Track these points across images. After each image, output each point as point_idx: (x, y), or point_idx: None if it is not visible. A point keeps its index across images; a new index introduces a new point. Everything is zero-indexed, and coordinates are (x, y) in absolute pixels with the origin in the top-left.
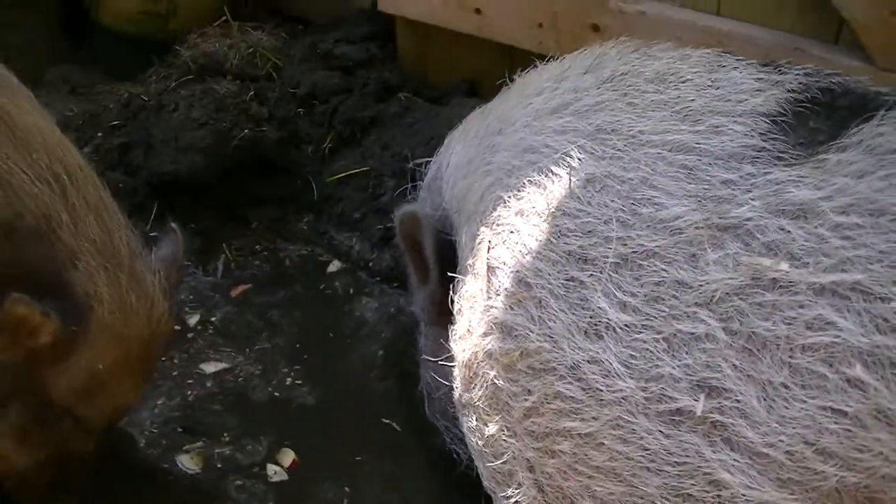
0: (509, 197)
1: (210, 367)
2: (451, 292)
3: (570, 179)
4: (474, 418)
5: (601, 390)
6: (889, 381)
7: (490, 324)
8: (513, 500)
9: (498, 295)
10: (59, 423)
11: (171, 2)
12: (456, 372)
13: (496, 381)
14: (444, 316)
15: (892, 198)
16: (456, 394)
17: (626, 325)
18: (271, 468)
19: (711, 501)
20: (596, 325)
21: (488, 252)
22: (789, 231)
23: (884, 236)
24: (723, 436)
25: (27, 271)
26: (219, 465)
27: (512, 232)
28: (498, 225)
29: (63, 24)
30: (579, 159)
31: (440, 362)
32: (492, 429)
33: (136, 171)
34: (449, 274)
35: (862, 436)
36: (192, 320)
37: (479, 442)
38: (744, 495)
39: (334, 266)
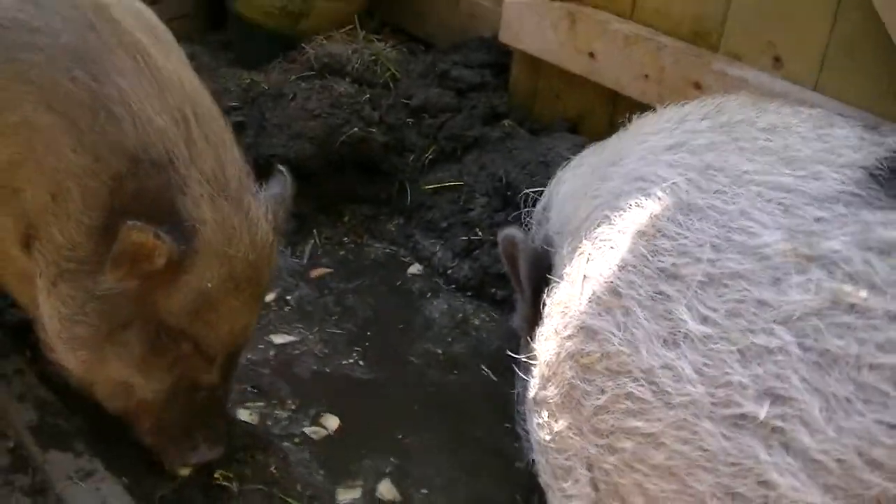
0: (614, 217)
1: (278, 339)
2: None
3: (673, 206)
4: (546, 414)
5: (670, 393)
6: None
7: (577, 327)
8: (568, 493)
9: (589, 301)
10: (176, 347)
11: (306, 2)
12: (535, 371)
13: (573, 380)
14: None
15: None
16: (532, 392)
17: (704, 336)
18: (315, 429)
19: (758, 501)
20: (675, 334)
21: (587, 263)
22: (873, 264)
23: None
24: (780, 440)
25: (147, 200)
26: (269, 423)
27: (612, 247)
28: (599, 240)
29: (204, 7)
30: (686, 190)
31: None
32: (560, 425)
33: (246, 150)
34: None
35: None
36: (270, 296)
37: (546, 437)
38: (790, 497)
39: (415, 269)
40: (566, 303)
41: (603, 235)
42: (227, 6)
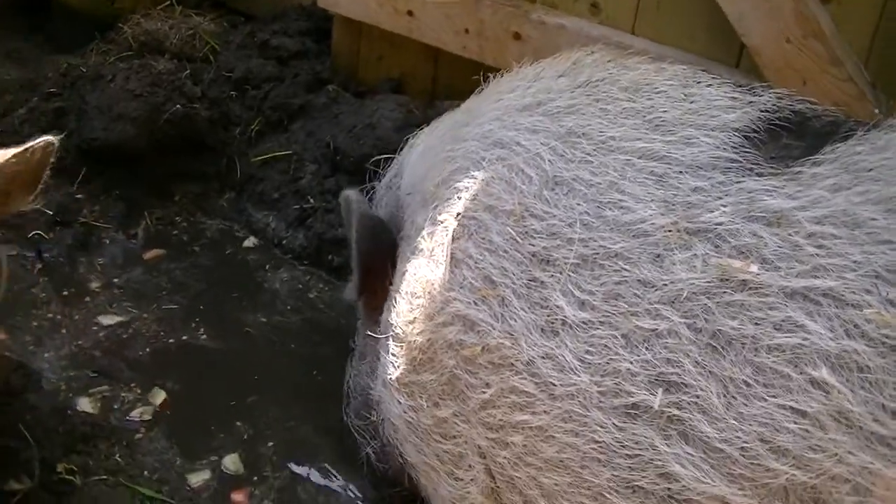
0: (477, 191)
1: (108, 320)
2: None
3: (538, 182)
4: (424, 399)
5: (554, 385)
6: (854, 385)
7: (453, 315)
8: (460, 477)
9: (462, 288)
10: None
11: None
12: (398, 351)
13: (455, 370)
14: (372, 308)
15: (869, 212)
16: (395, 373)
17: (582, 322)
18: (157, 408)
19: (661, 494)
20: (553, 322)
21: (453, 242)
22: (762, 236)
23: (859, 247)
24: (679, 430)
25: None
26: (115, 407)
27: (480, 227)
28: (464, 217)
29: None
30: (549, 161)
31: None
32: (445, 412)
33: (68, 136)
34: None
35: (819, 436)
36: (95, 283)
37: (427, 421)
38: (694, 488)
39: (250, 242)
40: (433, 283)
41: (468, 211)
42: None
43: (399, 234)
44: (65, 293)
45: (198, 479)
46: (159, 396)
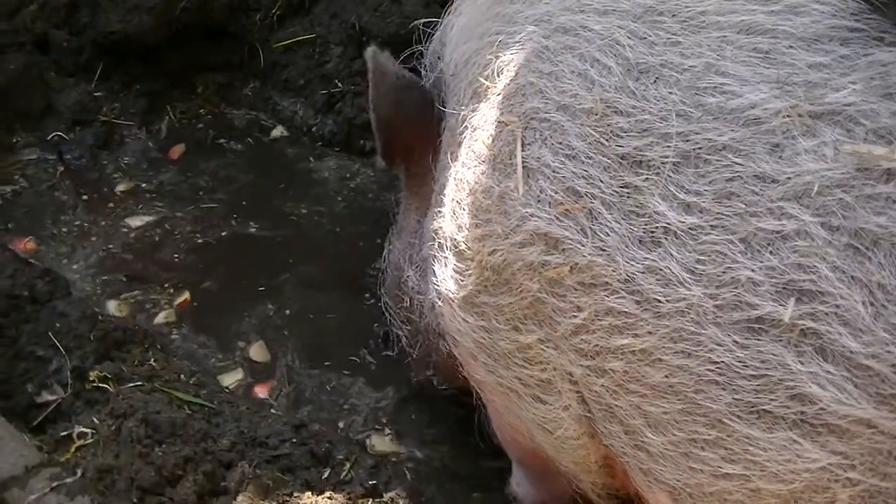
0: (544, 87)
1: (136, 222)
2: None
3: (619, 72)
4: (499, 322)
5: (660, 301)
6: None
7: (532, 234)
8: (548, 402)
9: (540, 202)
10: None
11: None
12: (461, 267)
13: (539, 293)
14: (412, 180)
15: None
16: (458, 290)
17: (690, 228)
18: (189, 305)
19: (793, 418)
20: (653, 231)
21: (523, 149)
22: None
23: None
24: (815, 345)
25: None
26: (147, 309)
27: (555, 131)
28: (534, 119)
29: None
30: (629, 46)
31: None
32: (528, 338)
33: (82, 31)
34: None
35: None
36: (122, 185)
37: (506, 345)
38: (835, 411)
39: (278, 131)
40: (503, 198)
41: (537, 112)
42: None
43: (444, 121)
44: (88, 196)
45: (232, 379)
46: (181, 296)
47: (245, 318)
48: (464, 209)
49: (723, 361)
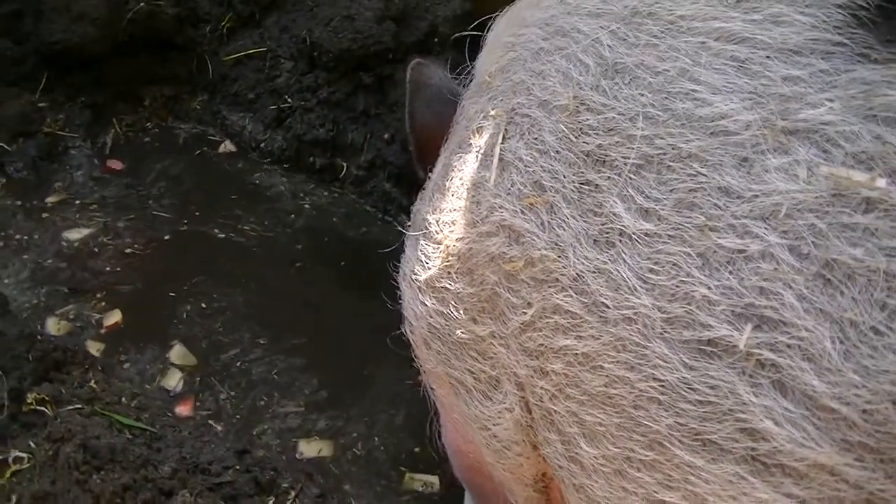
0: (532, 85)
1: (74, 235)
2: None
3: (596, 70)
4: (458, 311)
5: (607, 306)
6: None
7: (497, 225)
8: (497, 404)
9: (509, 195)
10: None
11: None
12: (429, 250)
13: (497, 287)
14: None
15: None
16: (423, 273)
17: (645, 234)
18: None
19: (741, 453)
20: (607, 232)
21: (503, 142)
22: (890, 142)
23: None
24: (773, 378)
25: None
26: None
27: (532, 126)
28: (517, 114)
29: None
30: (609, 46)
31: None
32: (483, 331)
33: (25, 39)
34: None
35: None
36: (64, 194)
37: (461, 335)
38: (790, 452)
39: (226, 146)
40: (478, 186)
41: (521, 108)
42: None
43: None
44: (29, 206)
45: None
46: (117, 314)
47: (185, 332)
48: (442, 193)
49: (667, 380)
